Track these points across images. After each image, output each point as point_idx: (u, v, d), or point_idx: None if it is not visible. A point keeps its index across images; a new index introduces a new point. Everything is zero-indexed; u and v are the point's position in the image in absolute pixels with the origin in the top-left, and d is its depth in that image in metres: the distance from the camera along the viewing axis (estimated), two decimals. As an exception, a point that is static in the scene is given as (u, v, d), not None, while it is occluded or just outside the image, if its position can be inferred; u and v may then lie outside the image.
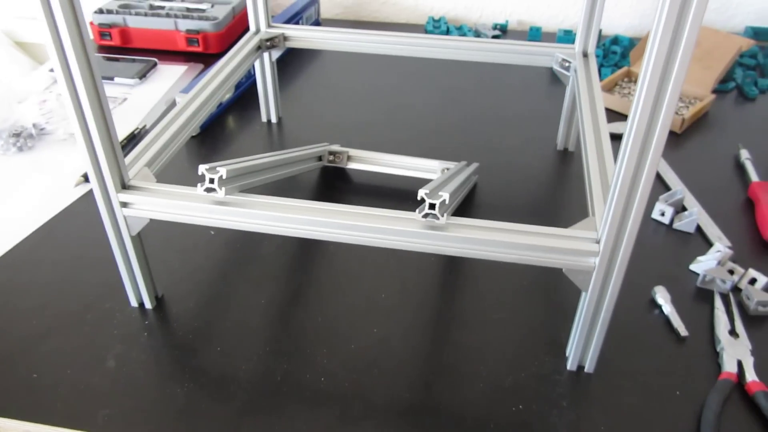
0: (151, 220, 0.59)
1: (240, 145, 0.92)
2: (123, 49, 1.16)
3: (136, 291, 0.65)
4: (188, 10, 1.15)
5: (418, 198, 0.51)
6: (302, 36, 0.87)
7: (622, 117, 0.97)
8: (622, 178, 0.47)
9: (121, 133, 0.92)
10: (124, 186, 0.58)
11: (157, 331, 0.63)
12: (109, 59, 1.11)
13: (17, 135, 0.89)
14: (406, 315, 0.65)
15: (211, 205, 0.56)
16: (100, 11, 1.14)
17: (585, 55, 0.81)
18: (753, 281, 0.67)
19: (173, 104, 1.01)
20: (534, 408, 0.56)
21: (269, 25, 0.88)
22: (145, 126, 0.94)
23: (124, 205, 0.58)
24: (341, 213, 0.54)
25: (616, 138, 0.93)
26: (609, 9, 1.25)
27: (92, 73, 0.51)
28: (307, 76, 1.11)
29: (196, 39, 1.12)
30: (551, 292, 0.68)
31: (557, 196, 0.82)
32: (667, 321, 0.64)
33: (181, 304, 0.66)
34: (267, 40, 0.87)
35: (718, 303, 0.65)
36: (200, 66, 1.12)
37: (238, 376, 0.59)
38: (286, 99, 1.03)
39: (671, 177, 0.83)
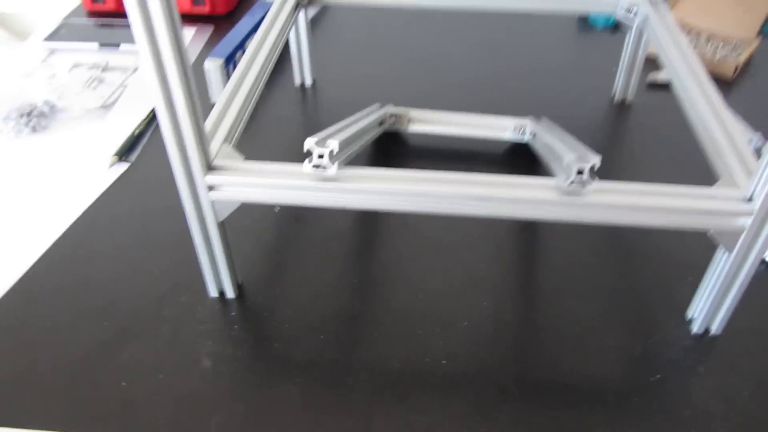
0: (241, 203, 0.52)
1: (278, 113, 0.84)
2: (118, 14, 1.05)
3: (217, 280, 0.59)
4: (190, -35, 1.04)
5: (564, 164, 0.47)
6: (344, -11, 0.80)
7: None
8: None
9: (147, 106, 0.84)
10: (210, 167, 0.51)
11: (247, 322, 0.57)
12: (105, 26, 1.00)
13: (28, 114, 0.79)
14: (510, 285, 0.61)
15: (318, 182, 0.50)
16: (90, -30, 1.03)
17: (652, -1, 0.77)
18: None
19: (200, 70, 0.92)
20: (672, 377, 0.53)
21: (306, -22, 0.80)
22: (169, 96, 0.85)
23: (210, 188, 0.51)
24: (474, 183, 0.49)
25: (666, 87, 0.90)
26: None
27: (176, 30, 0.44)
28: (325, 32, 1.03)
29: (202, -2, 1.03)
30: (652, 250, 0.64)
31: (629, 149, 0.78)
32: (776, 274, 0.62)
33: (266, 290, 0.60)
34: (306, -6, 0.79)
35: (824, 252, 0.63)
36: (210, 27, 1.02)
37: (353, 365, 0.54)
38: (313, 58, 0.95)
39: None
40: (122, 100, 0.85)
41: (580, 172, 0.46)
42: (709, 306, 0.55)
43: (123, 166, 0.74)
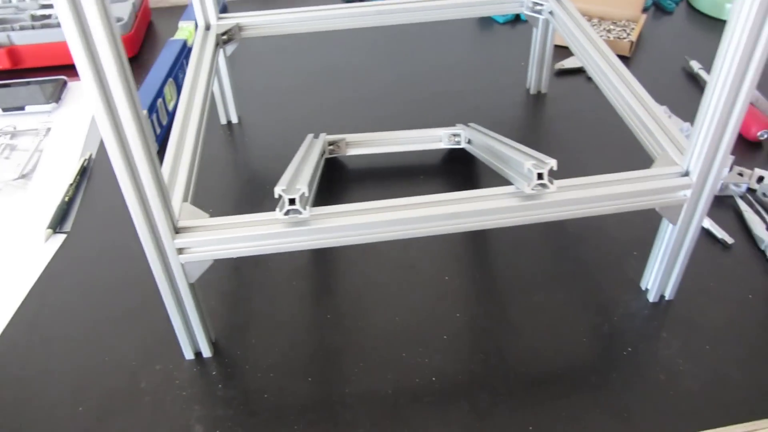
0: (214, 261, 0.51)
1: (210, 154, 0.82)
2: (13, 72, 0.99)
3: (192, 341, 0.57)
4: (82, 14, 0.99)
5: (524, 170, 0.49)
6: (260, 23, 0.79)
7: (564, 51, 0.99)
8: (722, 107, 0.47)
9: (69, 169, 0.80)
10: (176, 229, 0.50)
11: (230, 379, 0.56)
12: (1, 86, 0.94)
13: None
14: (477, 292, 0.63)
15: (292, 227, 0.50)
16: (-27, 32, 0.96)
17: (553, -5, 0.81)
18: (761, 179, 0.73)
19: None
20: (642, 347, 0.58)
21: (219, 17, 0.78)
22: (91, 155, 0.82)
23: (179, 251, 0.50)
24: (444, 202, 0.50)
25: (572, 72, 0.96)
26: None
27: (132, 95, 0.42)
28: (237, 64, 1.01)
29: (101, 46, 0.98)
30: (594, 232, 0.69)
31: (555, 138, 0.83)
32: (708, 233, 0.68)
33: (241, 343, 0.59)
34: (222, 34, 0.77)
35: (743, 206, 0.70)
36: (116, 76, 0.98)
37: (347, 401, 0.54)
38: (236, 95, 0.94)
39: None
40: (41, 167, 0.80)
41: (539, 176, 0.49)
42: (661, 276, 0.59)
43: (60, 238, 0.70)
